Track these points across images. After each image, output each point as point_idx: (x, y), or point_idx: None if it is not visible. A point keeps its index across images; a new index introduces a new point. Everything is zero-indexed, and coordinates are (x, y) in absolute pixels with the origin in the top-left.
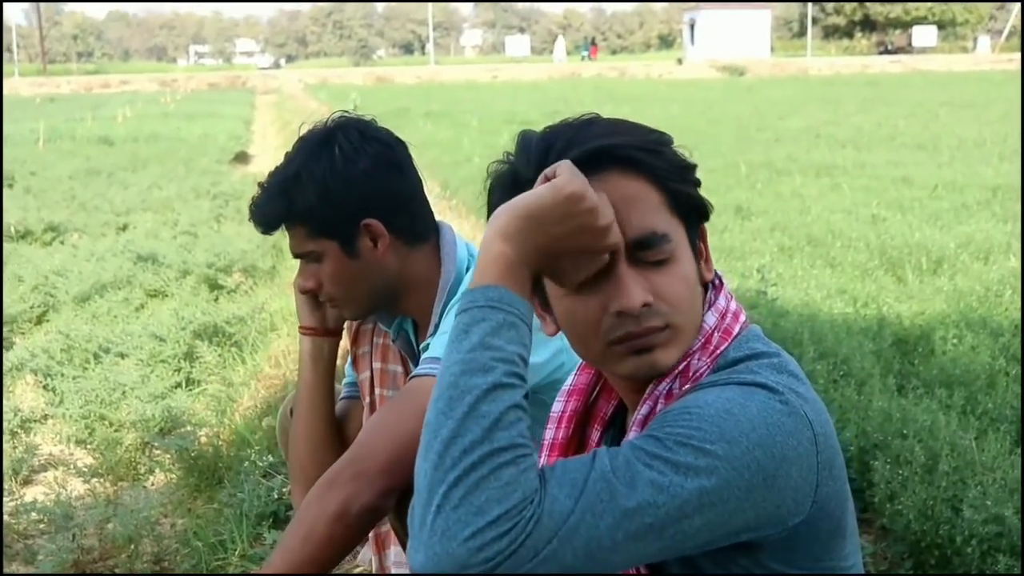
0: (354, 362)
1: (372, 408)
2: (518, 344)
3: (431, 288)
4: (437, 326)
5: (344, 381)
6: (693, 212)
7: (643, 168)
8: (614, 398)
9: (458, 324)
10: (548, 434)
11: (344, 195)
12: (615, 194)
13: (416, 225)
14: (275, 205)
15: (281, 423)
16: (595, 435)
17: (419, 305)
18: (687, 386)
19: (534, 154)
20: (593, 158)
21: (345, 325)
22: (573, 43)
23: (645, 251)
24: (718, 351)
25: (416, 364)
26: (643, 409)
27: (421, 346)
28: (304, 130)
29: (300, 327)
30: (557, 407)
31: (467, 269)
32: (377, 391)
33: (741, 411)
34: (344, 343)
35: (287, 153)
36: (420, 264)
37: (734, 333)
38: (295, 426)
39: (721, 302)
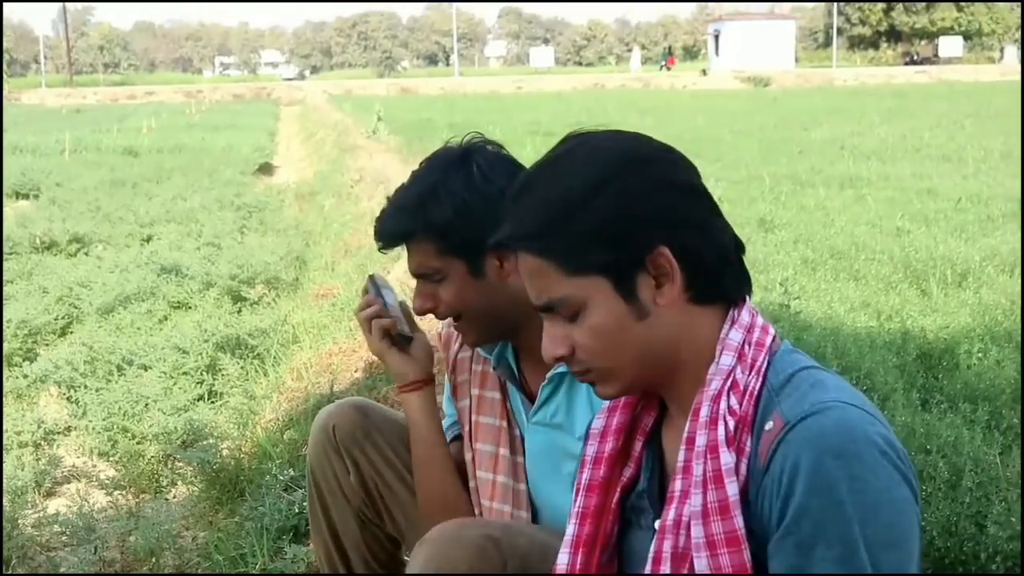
0: (454, 390)
1: (471, 437)
2: None
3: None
4: None
5: (446, 423)
6: (612, 265)
7: (533, 252)
8: (654, 410)
9: None
10: (590, 449)
11: (481, 213)
12: (523, 269)
13: None
14: (410, 216)
15: (318, 437)
16: (637, 446)
17: (531, 333)
18: (745, 401)
19: None
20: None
21: (440, 354)
22: (598, 54)
23: (549, 314)
24: (757, 362)
25: (518, 389)
26: (708, 432)
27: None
28: (432, 150)
29: (404, 386)
30: (598, 423)
31: None
32: (474, 418)
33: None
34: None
35: (415, 171)
36: None
37: (767, 344)
38: (421, 491)
39: (744, 317)
